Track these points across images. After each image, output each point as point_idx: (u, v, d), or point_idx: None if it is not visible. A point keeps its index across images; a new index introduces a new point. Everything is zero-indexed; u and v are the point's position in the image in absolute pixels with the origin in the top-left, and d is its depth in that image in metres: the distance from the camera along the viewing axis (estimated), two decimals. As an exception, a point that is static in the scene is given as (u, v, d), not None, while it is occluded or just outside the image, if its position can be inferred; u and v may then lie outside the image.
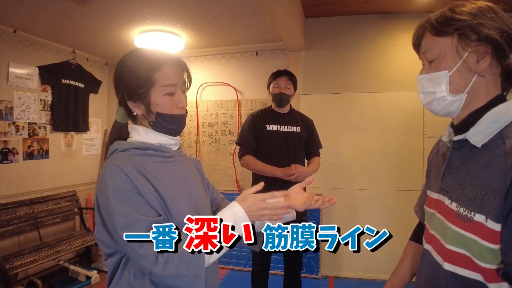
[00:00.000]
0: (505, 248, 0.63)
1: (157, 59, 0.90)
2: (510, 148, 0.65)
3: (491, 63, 0.73)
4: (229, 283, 3.07)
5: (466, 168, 0.75)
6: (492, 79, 0.75)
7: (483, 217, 0.66)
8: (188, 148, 3.79)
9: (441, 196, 0.82)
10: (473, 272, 0.68)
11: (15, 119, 2.99)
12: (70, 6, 2.43)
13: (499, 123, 0.71)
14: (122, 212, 0.78)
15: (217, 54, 3.70)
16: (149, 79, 0.88)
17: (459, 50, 0.73)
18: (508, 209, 0.63)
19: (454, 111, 0.78)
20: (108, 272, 0.89)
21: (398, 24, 2.99)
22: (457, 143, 0.79)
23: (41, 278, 2.81)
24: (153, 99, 0.89)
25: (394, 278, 1.03)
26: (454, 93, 0.75)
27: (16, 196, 2.99)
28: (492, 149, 0.70)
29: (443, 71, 0.75)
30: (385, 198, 3.07)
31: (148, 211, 0.81)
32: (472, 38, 0.71)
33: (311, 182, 1.05)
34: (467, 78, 0.74)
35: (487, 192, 0.66)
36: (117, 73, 0.92)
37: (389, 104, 3.04)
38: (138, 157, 0.87)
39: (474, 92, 0.75)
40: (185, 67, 0.97)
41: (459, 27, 0.72)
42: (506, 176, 0.63)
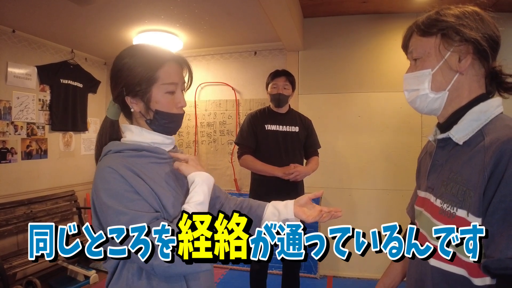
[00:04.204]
0: (486, 241, 0.64)
1: (161, 56, 0.89)
2: (489, 144, 0.67)
3: (473, 63, 0.75)
4: (228, 283, 3.07)
5: (449, 166, 0.77)
6: (475, 79, 0.77)
7: (465, 212, 0.68)
8: (187, 147, 3.79)
9: (428, 194, 0.84)
10: (458, 267, 0.70)
11: (14, 118, 2.99)
12: (69, 6, 2.43)
13: (480, 121, 0.74)
14: (122, 211, 0.76)
15: (215, 54, 3.70)
16: (152, 75, 0.86)
17: (442, 49, 0.76)
18: (487, 203, 0.64)
19: (437, 108, 0.80)
20: (109, 273, 0.88)
21: (396, 24, 3.01)
22: (441, 142, 0.82)
23: (39, 277, 2.81)
24: (153, 97, 0.88)
25: (386, 278, 1.04)
26: (436, 91, 0.78)
27: (14, 195, 2.98)
28: (473, 146, 0.72)
29: (427, 70, 0.78)
30: (383, 198, 3.07)
31: (148, 209, 0.80)
32: (454, 38, 0.74)
33: (321, 195, 1.06)
34: (448, 76, 0.77)
35: (468, 188, 0.68)
36: (115, 67, 0.89)
37: (387, 103, 3.05)
38: (132, 159, 0.85)
39: (456, 90, 0.77)
40: (187, 66, 0.96)
41: (442, 28, 0.75)
42: (485, 171, 0.65)
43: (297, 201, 1.03)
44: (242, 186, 3.59)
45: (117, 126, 0.95)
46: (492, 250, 0.63)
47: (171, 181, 0.91)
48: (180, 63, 0.94)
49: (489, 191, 0.64)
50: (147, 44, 0.93)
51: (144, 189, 0.81)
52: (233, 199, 1.15)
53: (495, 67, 0.78)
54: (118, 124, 0.96)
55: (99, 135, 0.95)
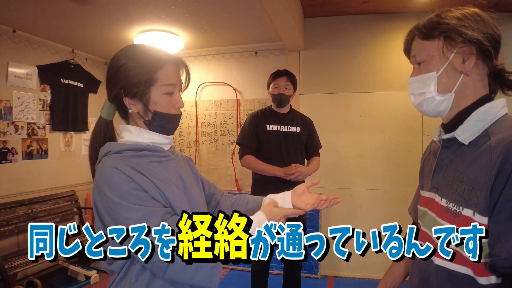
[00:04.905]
0: (492, 240, 0.65)
1: (159, 57, 0.89)
2: (495, 144, 0.67)
3: (477, 63, 0.76)
4: (229, 283, 3.07)
5: (455, 165, 0.77)
6: (479, 79, 0.78)
7: (471, 211, 0.68)
8: (188, 148, 3.79)
9: (432, 193, 0.84)
10: (463, 266, 0.70)
11: (14, 118, 2.99)
12: (69, 6, 2.43)
13: (485, 121, 0.74)
14: (132, 208, 0.76)
15: (216, 54, 3.70)
16: (151, 77, 0.87)
17: (445, 52, 0.77)
18: (494, 202, 0.65)
19: (443, 110, 0.81)
20: (113, 276, 0.87)
21: (397, 24, 3.00)
22: (446, 142, 0.82)
23: (40, 278, 2.81)
24: (152, 98, 0.88)
25: (388, 277, 1.04)
26: (442, 93, 0.79)
27: (15, 195, 2.98)
28: (478, 146, 0.72)
29: (431, 73, 0.78)
30: (384, 198, 3.07)
31: (156, 205, 0.80)
32: (457, 40, 0.75)
33: (317, 183, 1.07)
34: (454, 78, 0.77)
35: (474, 187, 0.69)
36: (113, 69, 0.89)
37: (388, 103, 3.04)
38: (133, 159, 0.85)
39: (462, 92, 0.78)
40: (185, 66, 0.96)
41: (445, 30, 0.76)
42: (491, 171, 0.65)
43: (294, 191, 1.05)
44: (243, 186, 3.58)
45: (111, 126, 0.95)
46: (499, 249, 0.63)
47: (174, 179, 0.92)
48: (178, 64, 0.94)
49: (495, 190, 0.64)
50: (143, 44, 0.93)
51: (150, 187, 0.82)
52: (229, 196, 1.16)
53: (497, 66, 0.79)
54: (112, 124, 0.95)
55: (93, 136, 0.94)
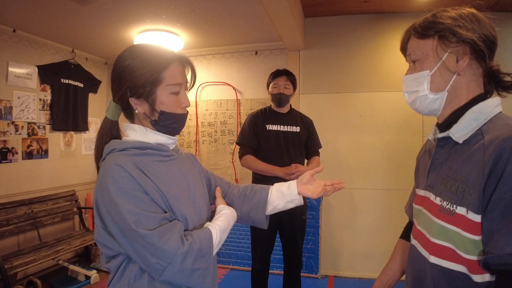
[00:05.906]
0: (485, 238, 0.65)
1: (165, 57, 0.88)
2: (488, 142, 0.68)
3: (471, 63, 0.77)
4: (229, 283, 3.07)
5: (449, 164, 0.78)
6: (473, 79, 0.78)
7: (464, 209, 0.69)
8: (188, 147, 3.79)
9: (427, 192, 0.85)
10: (458, 264, 0.71)
11: (14, 118, 2.99)
12: (70, 6, 2.43)
13: (479, 120, 0.75)
14: (131, 210, 0.77)
15: (216, 53, 3.70)
16: (157, 77, 0.86)
17: (439, 51, 0.78)
18: (487, 200, 0.65)
19: (436, 109, 0.82)
20: (111, 273, 0.88)
21: (397, 23, 3.00)
22: (441, 141, 0.83)
23: (40, 277, 2.82)
24: (158, 98, 0.87)
25: (383, 276, 1.05)
26: (435, 92, 0.80)
27: (15, 195, 2.98)
28: (472, 144, 0.73)
29: (425, 71, 0.80)
30: (384, 197, 3.07)
31: (155, 209, 0.81)
32: (451, 39, 0.76)
33: (321, 170, 1.08)
34: (447, 77, 0.78)
35: (468, 185, 0.69)
36: (118, 69, 0.88)
37: (388, 103, 3.05)
38: (137, 157, 0.85)
39: (455, 91, 0.78)
40: (190, 65, 0.96)
41: (439, 30, 0.77)
42: (484, 169, 0.66)
43: (300, 180, 1.08)
44: (243, 186, 3.58)
45: (117, 126, 0.95)
46: (492, 247, 0.63)
47: (176, 179, 0.92)
48: (183, 63, 0.93)
49: (488, 188, 0.65)
50: (148, 44, 0.92)
51: (151, 188, 0.82)
52: (236, 186, 1.18)
53: (492, 67, 0.79)
54: (118, 125, 0.95)
55: (99, 136, 0.94)
